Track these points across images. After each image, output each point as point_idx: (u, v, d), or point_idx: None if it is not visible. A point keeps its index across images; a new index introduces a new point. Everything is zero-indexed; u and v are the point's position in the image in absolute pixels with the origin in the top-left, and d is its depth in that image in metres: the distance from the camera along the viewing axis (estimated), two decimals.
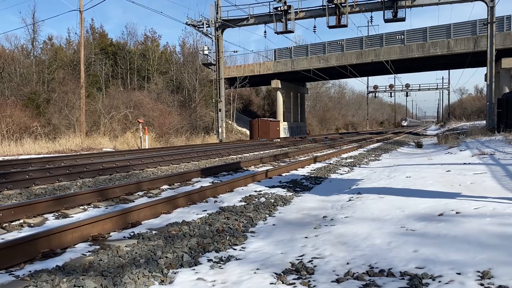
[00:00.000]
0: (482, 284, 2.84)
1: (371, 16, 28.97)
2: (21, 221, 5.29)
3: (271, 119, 38.58)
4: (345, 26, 26.66)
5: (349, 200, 6.32)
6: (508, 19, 32.37)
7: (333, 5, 26.42)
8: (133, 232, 4.72)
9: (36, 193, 7.41)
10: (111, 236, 4.62)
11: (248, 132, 39.48)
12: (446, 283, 2.91)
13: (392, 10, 25.92)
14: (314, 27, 29.03)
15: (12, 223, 5.17)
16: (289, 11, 27.82)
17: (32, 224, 5.22)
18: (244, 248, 4.19)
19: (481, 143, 15.52)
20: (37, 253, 3.82)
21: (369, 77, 71.83)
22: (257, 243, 4.32)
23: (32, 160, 13.12)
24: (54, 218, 5.59)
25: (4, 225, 5.07)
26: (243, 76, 40.28)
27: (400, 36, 36.54)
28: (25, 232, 4.84)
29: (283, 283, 3.17)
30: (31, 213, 5.50)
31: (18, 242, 3.72)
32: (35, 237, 3.87)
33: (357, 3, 26.98)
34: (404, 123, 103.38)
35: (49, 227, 4.85)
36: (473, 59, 35.39)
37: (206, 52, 32.07)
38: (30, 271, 3.47)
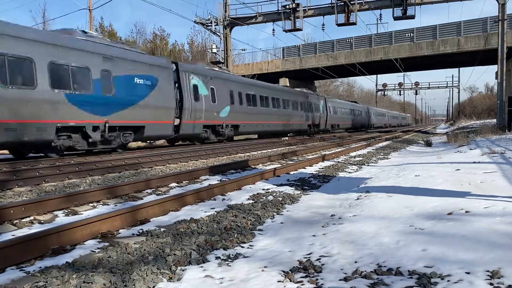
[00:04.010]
0: (491, 284, 2.81)
1: (380, 14, 28.74)
2: (32, 218, 5.36)
3: None
4: (354, 24, 26.54)
5: (358, 198, 6.30)
6: None
7: (342, 3, 26.30)
8: (141, 229, 4.75)
9: (46, 190, 7.48)
10: (120, 233, 4.65)
11: None
12: (455, 283, 2.89)
13: (401, 8, 25.75)
14: (323, 25, 28.90)
15: (23, 220, 5.24)
16: (297, 9, 27.77)
17: (42, 221, 5.28)
18: (252, 246, 4.20)
19: (491, 142, 15.37)
20: (47, 250, 3.86)
21: (378, 75, 71.59)
22: (265, 241, 4.33)
23: (42, 157, 13.26)
24: (64, 215, 5.65)
25: (15, 221, 5.14)
26: (251, 74, 40.27)
27: (409, 34, 36.29)
28: (36, 228, 4.89)
29: (290, 281, 3.17)
30: (41, 210, 5.56)
31: (28, 238, 3.77)
32: (45, 233, 3.92)
33: (366, 0, 26.81)
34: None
35: (59, 224, 4.90)
36: (483, 57, 35.05)
37: (214, 50, 32.12)
38: (40, 267, 3.51)
